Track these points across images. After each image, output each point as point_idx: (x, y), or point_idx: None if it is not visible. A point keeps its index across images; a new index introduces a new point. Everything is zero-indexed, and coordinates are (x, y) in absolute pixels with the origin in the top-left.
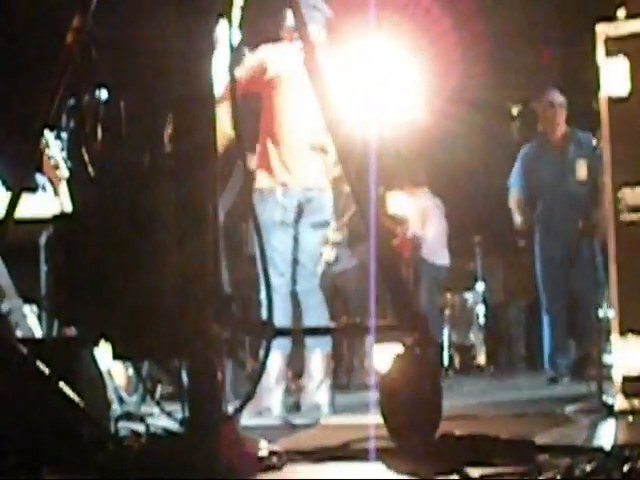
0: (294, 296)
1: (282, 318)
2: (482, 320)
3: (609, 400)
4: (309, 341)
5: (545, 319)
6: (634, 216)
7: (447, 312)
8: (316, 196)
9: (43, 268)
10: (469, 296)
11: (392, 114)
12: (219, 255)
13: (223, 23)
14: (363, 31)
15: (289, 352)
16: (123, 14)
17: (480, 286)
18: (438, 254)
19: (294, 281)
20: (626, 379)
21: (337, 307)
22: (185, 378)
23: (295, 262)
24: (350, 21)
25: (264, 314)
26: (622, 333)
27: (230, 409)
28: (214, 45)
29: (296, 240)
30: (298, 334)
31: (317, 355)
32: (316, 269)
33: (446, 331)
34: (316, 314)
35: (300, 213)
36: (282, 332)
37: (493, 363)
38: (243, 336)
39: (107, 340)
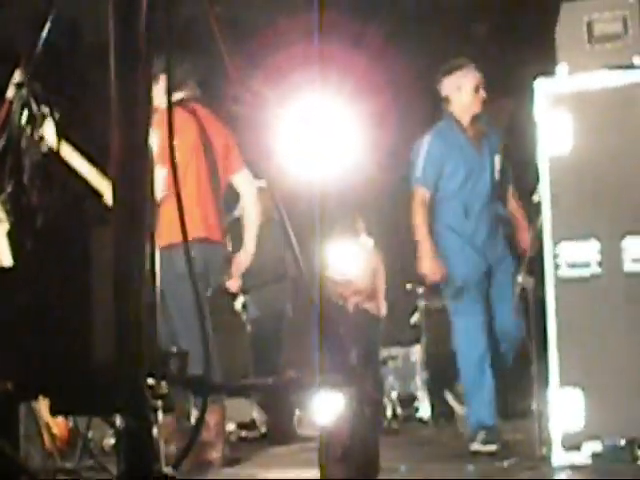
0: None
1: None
2: (425, 372)
3: (547, 454)
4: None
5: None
6: (572, 271)
7: (390, 364)
8: (219, 249)
9: None
10: (412, 348)
11: (334, 166)
12: (155, 310)
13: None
14: (307, 86)
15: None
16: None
17: (423, 338)
18: (380, 305)
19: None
20: (565, 433)
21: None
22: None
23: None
24: (295, 76)
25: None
26: (561, 387)
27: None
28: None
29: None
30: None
31: (212, 409)
32: None
33: (389, 383)
34: None
35: (206, 267)
36: (220, 388)
37: (436, 415)
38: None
39: (45, 395)
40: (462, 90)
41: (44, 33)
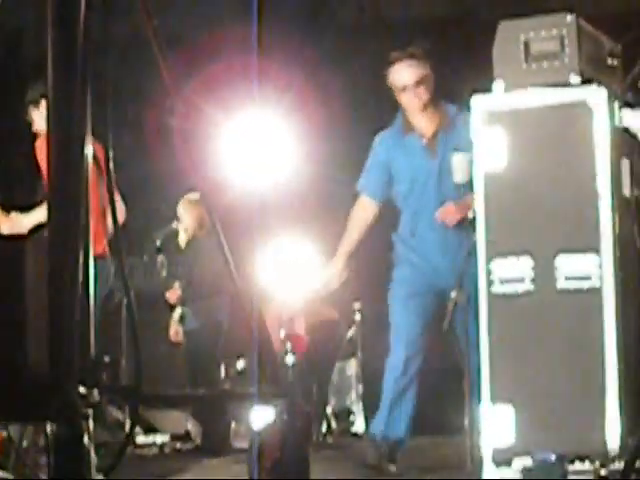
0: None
1: None
2: (361, 386)
3: (478, 469)
4: None
5: None
6: (505, 287)
7: None
8: (102, 263)
9: None
10: (348, 362)
11: (272, 177)
12: (88, 319)
13: None
14: (245, 98)
15: None
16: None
17: (359, 352)
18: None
19: None
20: (495, 448)
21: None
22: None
23: None
24: (233, 89)
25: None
26: (492, 403)
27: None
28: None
29: None
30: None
31: None
32: None
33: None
34: None
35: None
36: (153, 398)
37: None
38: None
39: None
40: (397, 85)
41: None
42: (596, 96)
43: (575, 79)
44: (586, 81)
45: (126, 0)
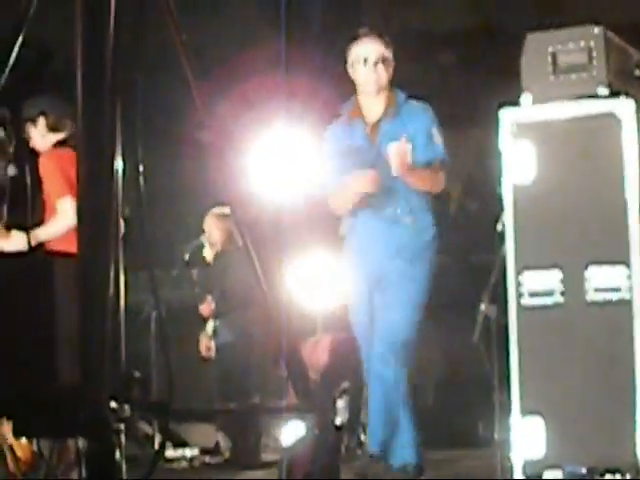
0: None
1: None
2: None
3: None
4: None
5: None
6: (535, 300)
7: None
8: None
9: None
10: None
11: (300, 193)
12: (119, 334)
13: None
14: (273, 114)
15: None
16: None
17: None
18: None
19: None
20: (526, 461)
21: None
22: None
23: None
24: (261, 104)
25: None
26: (522, 415)
27: None
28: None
29: None
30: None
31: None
32: None
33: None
34: None
35: None
36: (184, 412)
37: None
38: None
39: (9, 416)
40: (360, 57)
41: (13, 56)
42: (624, 108)
43: (603, 91)
44: (614, 93)
45: (155, 15)
